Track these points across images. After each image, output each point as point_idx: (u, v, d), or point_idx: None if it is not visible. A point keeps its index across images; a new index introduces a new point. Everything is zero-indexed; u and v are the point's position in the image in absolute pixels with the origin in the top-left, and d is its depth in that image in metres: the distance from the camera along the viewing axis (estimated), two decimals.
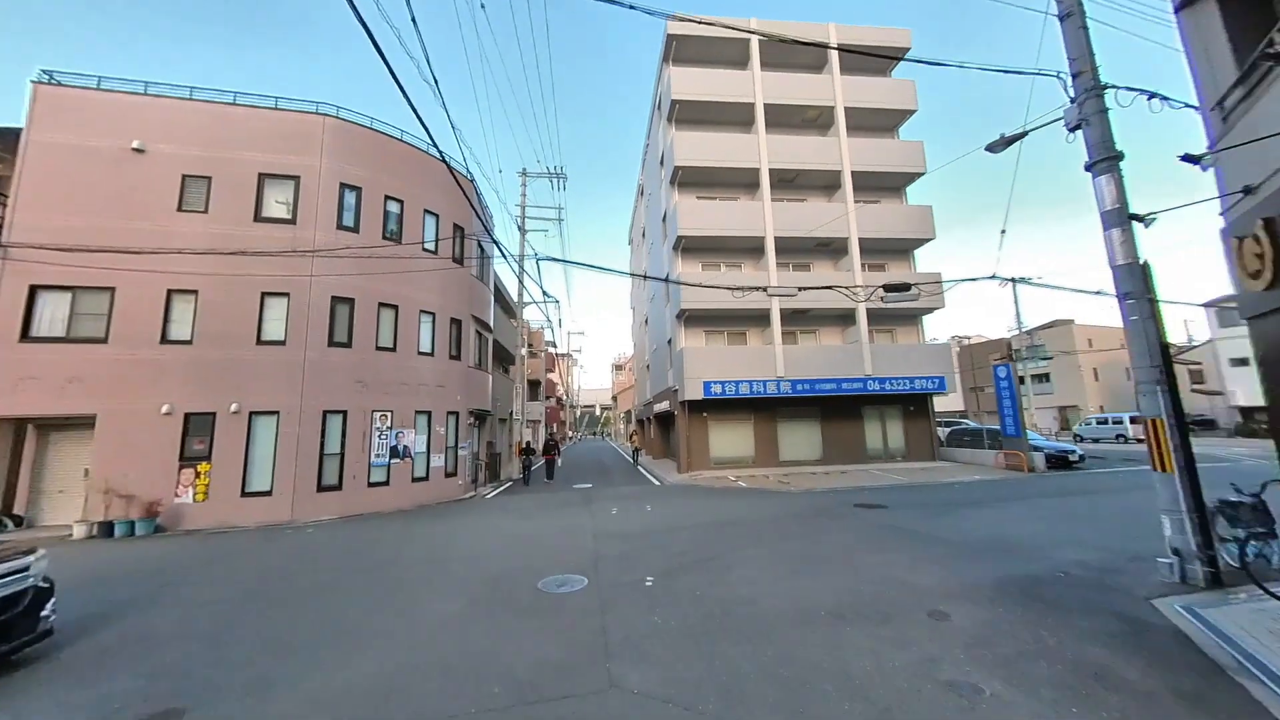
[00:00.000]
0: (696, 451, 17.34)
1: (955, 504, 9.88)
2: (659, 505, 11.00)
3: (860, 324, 17.41)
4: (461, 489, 13.56)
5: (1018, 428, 15.40)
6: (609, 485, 15.27)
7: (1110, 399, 38.63)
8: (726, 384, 16.27)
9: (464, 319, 14.29)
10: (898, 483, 13.50)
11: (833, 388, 16.65)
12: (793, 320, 18.43)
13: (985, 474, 14.70)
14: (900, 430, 18.40)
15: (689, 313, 17.48)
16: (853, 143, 18.56)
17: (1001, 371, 16.10)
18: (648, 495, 12.64)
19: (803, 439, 17.98)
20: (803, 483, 13.96)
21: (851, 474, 15.49)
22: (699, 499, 11.81)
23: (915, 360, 17.36)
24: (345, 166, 11.78)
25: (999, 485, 12.50)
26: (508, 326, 19.74)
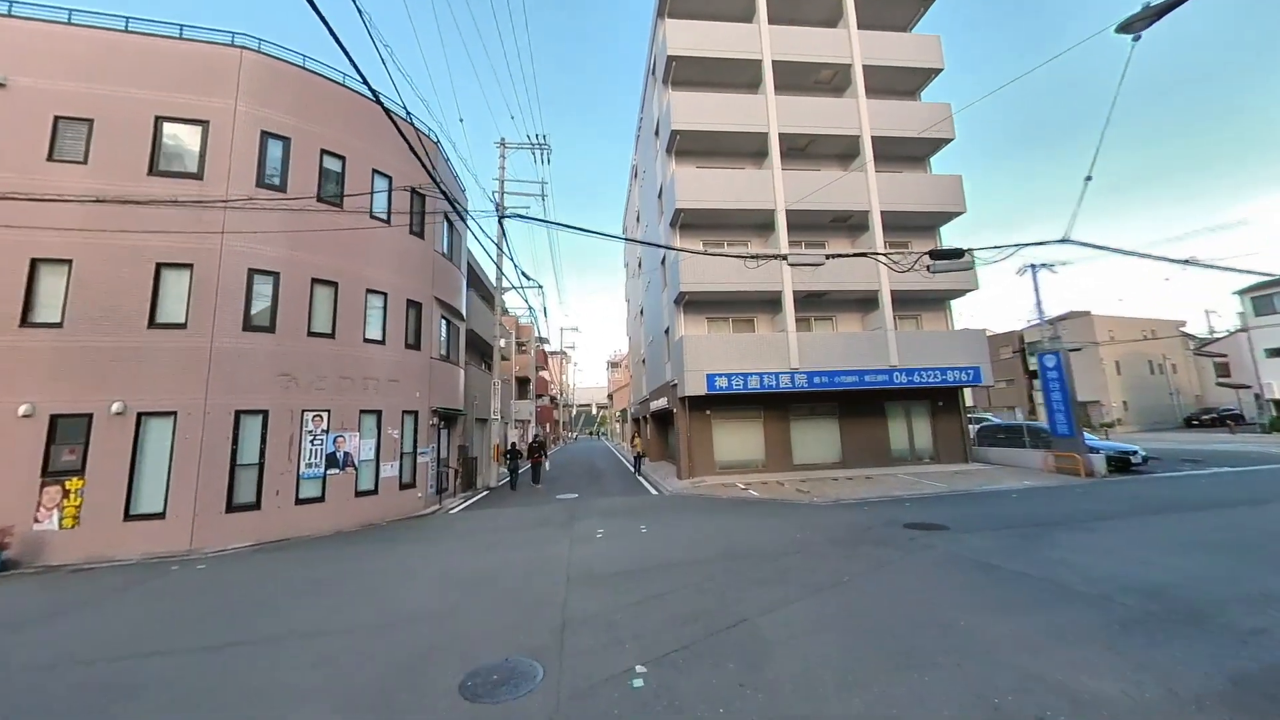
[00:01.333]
0: (699, 454, 15.23)
1: (1036, 523, 7.76)
2: (655, 525, 8.87)
3: (884, 308, 15.29)
4: (421, 503, 11.40)
5: (1071, 425, 13.33)
6: (599, 494, 13.15)
7: (1133, 394, 36.69)
8: (733, 377, 14.15)
9: (425, 302, 12.13)
10: (937, 491, 11.40)
11: (854, 380, 14.55)
12: (807, 305, 16.31)
13: (1036, 479, 12.63)
14: (928, 428, 16.31)
15: (689, 297, 15.34)
16: (872, 105, 16.45)
17: (1050, 361, 14.02)
18: (642, 510, 10.52)
19: (819, 439, 15.88)
20: (825, 490, 11.87)
21: (878, 480, 13.39)
22: (705, 515, 9.69)
23: (945, 349, 15.28)
24: (269, 112, 9.60)
25: (1066, 494, 10.41)
26: (486, 315, 17.60)
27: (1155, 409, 37.10)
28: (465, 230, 15.88)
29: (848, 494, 11.44)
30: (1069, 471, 13.18)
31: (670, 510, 10.39)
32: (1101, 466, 12.87)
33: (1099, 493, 10.44)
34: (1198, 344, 42.24)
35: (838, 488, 12.37)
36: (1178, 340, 40.36)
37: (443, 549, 7.99)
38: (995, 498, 10.40)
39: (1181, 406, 38.08)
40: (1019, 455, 15.23)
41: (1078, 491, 10.70)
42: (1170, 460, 15.75)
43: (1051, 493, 10.72)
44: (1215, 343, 41.19)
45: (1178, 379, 39.23)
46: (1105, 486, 11.31)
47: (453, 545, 8.23)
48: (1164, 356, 39.09)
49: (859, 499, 10.79)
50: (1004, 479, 12.85)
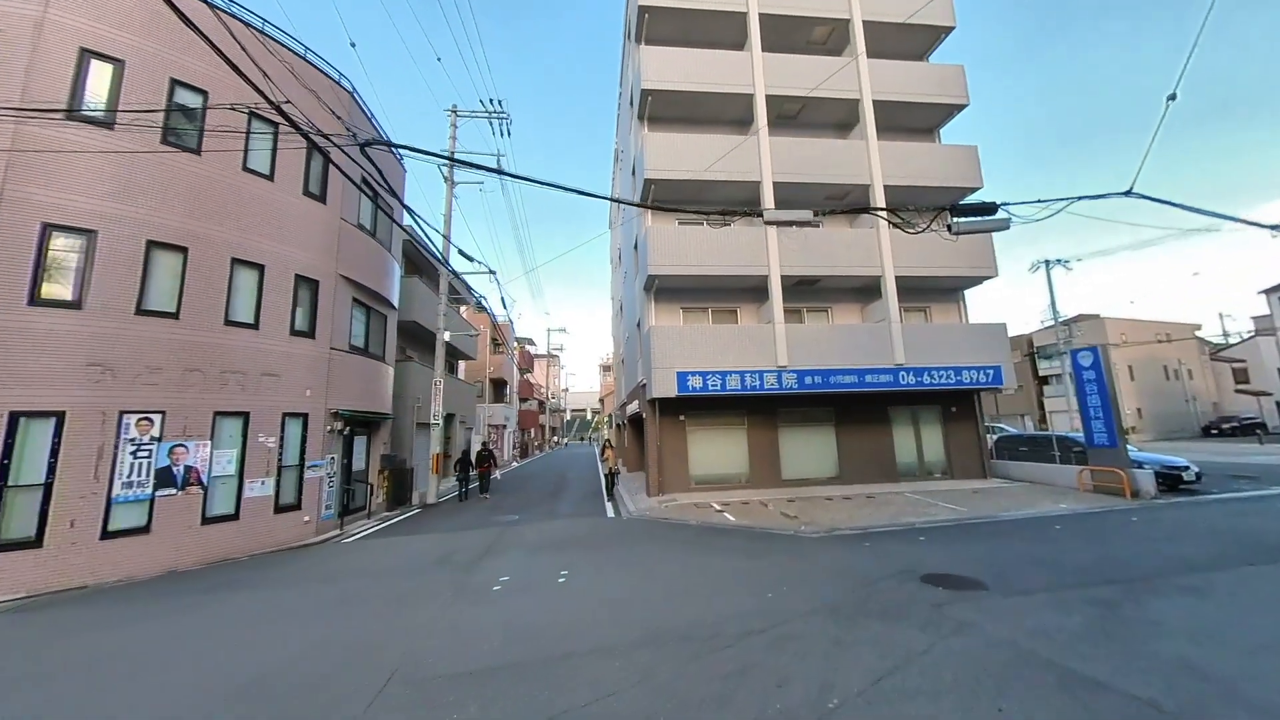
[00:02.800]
0: (671, 467, 12.94)
1: (1109, 576, 5.46)
2: (585, 569, 6.58)
3: (888, 296, 13.06)
4: (310, 528, 9.08)
5: (1113, 435, 11.08)
6: (546, 516, 10.83)
7: (1147, 401, 34.52)
8: (709, 375, 11.89)
9: (325, 280, 9.87)
10: (956, 516, 9.13)
11: (853, 381, 12.30)
12: (798, 293, 14.09)
13: (1073, 501, 10.36)
14: (939, 438, 14.05)
15: (659, 281, 13.11)
16: (874, 66, 14.33)
17: (1085, 359, 11.79)
18: (582, 542, 8.22)
19: (812, 450, 13.61)
20: (817, 515, 9.59)
21: (882, 500, 11.10)
22: (658, 552, 7.38)
23: (959, 345, 13.05)
24: (83, 21, 7.37)
25: (1122, 525, 8.13)
26: (431, 304, 15.27)
27: (1171, 416, 34.92)
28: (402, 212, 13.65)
29: (845, 521, 9.16)
30: (1110, 491, 10.93)
31: (618, 543, 8.08)
32: (1151, 486, 10.61)
33: (1162, 522, 8.18)
34: (1214, 349, 40.18)
35: (833, 511, 10.09)
36: (1193, 345, 38.27)
37: (265, 609, 5.66)
38: (1033, 528, 8.12)
39: (1198, 414, 35.90)
40: (1046, 471, 12.97)
41: (1134, 521, 8.42)
42: (1217, 476, 13.50)
43: (1102, 522, 8.45)
44: (1233, 347, 39.15)
45: (1194, 385, 37.08)
46: (1164, 512, 9.04)
47: (294, 600, 5.90)
48: (1179, 361, 36.97)
49: (859, 528, 8.51)
50: (1035, 501, 10.58)
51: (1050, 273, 28.33)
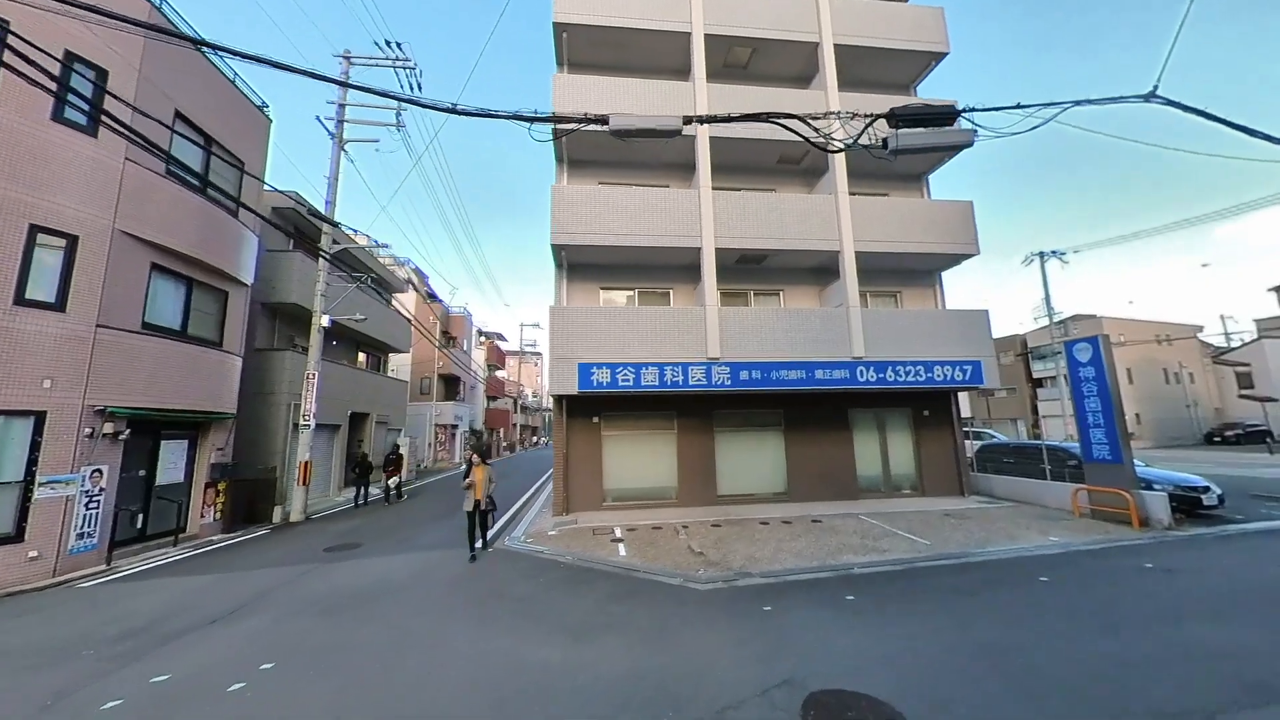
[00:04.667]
0: (581, 480, 10.64)
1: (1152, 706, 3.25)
2: (306, 660, 4.28)
3: (846, 275, 10.78)
4: (39, 567, 6.72)
5: (1116, 447, 8.85)
6: (395, 547, 8.41)
7: (1147, 406, 32.47)
8: (619, 368, 9.60)
9: (89, 236, 7.51)
10: (913, 555, 6.85)
11: (799, 378, 10.03)
12: (742, 273, 11.82)
13: (1067, 530, 8.12)
14: (909, 447, 11.80)
15: (570, 253, 10.81)
16: (837, 3, 12.08)
17: (1082, 353, 9.55)
18: (385, 597, 5.88)
19: (755, 461, 11.34)
20: (734, 549, 7.31)
21: (828, 526, 8.83)
22: (456, 629, 5.04)
23: (932, 334, 10.80)
24: None
25: (1137, 575, 5.87)
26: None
27: (1172, 423, 32.91)
28: (263, 170, 11.33)
29: (766, 559, 6.89)
30: (1113, 518, 8.71)
31: (423, 603, 5.70)
32: (1164, 513, 8.38)
33: (1191, 572, 5.93)
34: (1217, 351, 38.18)
35: (759, 542, 7.80)
36: (1195, 347, 36.26)
37: None
38: (1009, 581, 5.86)
39: (1199, 420, 33.89)
40: (1035, 489, 10.75)
41: (1150, 571, 6.16)
42: (1236, 495, 11.29)
43: (1106, 570, 6.20)
44: (1237, 350, 37.14)
45: (1195, 390, 35.07)
46: (1187, 553, 6.81)
47: None
48: (1180, 364, 34.96)
49: (775, 574, 6.24)
50: (1018, 529, 8.34)
51: (1045, 265, 26.28)
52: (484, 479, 7.62)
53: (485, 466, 7.78)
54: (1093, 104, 4.59)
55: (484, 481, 7.60)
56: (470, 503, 7.52)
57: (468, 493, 7.54)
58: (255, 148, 10.94)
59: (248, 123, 10.77)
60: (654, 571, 6.50)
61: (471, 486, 7.50)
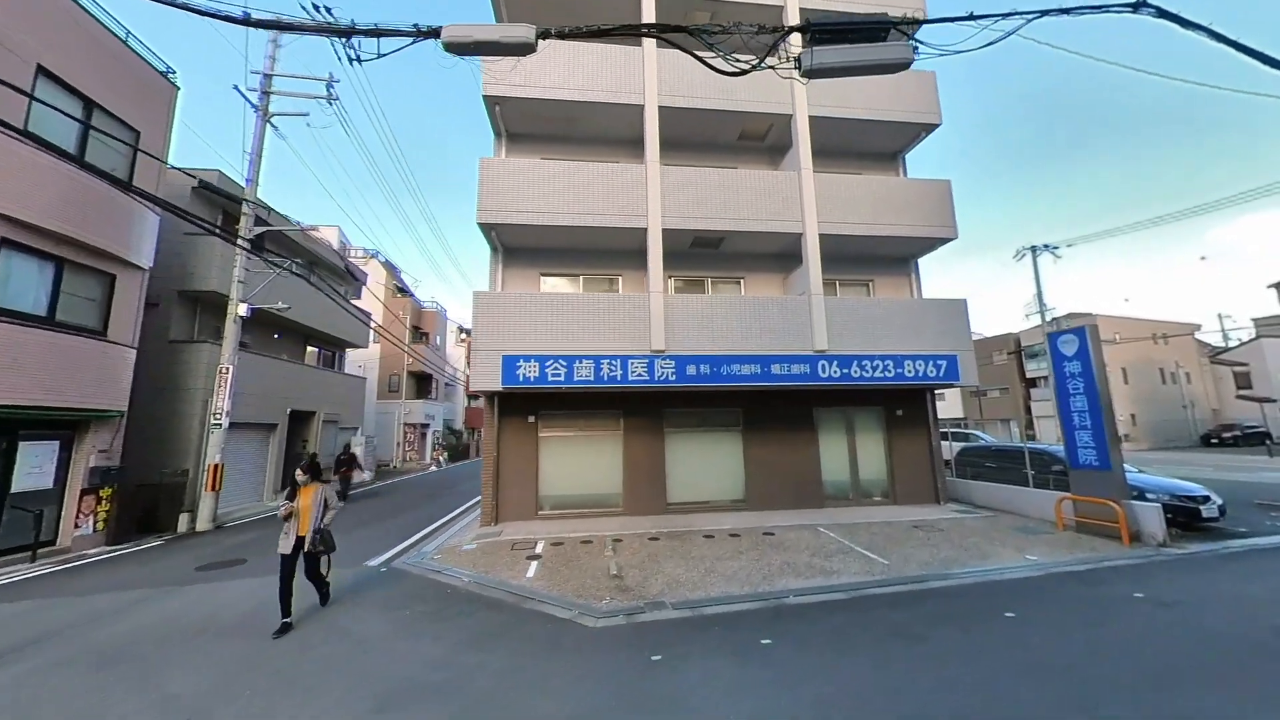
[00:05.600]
0: (515, 487, 9.59)
1: None
2: None
3: (809, 260, 9.75)
4: None
5: (1105, 452, 7.83)
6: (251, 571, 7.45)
7: (1142, 407, 31.56)
8: (549, 361, 8.55)
9: None
10: (861, 581, 5.81)
11: (754, 373, 9.00)
12: (698, 258, 10.78)
13: (1049, 546, 7.10)
14: (880, 450, 10.78)
15: (502, 233, 9.75)
16: None
17: (1068, 345, 8.52)
18: (176, 650, 4.83)
19: (711, 465, 10.30)
20: (660, 569, 6.28)
21: (778, 541, 7.79)
22: (234, 714, 4.05)
23: (904, 326, 9.77)
24: None
25: (1136, 611, 4.84)
26: (256, 277, 11.70)
27: (1168, 424, 31.98)
28: (165, 144, 10.26)
29: (692, 582, 5.85)
30: (1100, 531, 7.69)
31: (222, 654, 4.64)
32: (1158, 527, 7.36)
33: (1191, 605, 4.91)
34: (1214, 351, 37.29)
35: (693, 561, 6.76)
36: (1192, 347, 35.36)
37: None
38: (968, 616, 4.83)
39: (1196, 421, 32.99)
40: (1016, 497, 9.74)
41: (1142, 604, 5.12)
42: (1238, 503, 10.30)
43: (1092, 599, 5.18)
44: (1234, 350, 36.23)
45: (1192, 390, 34.16)
46: (1186, 578, 5.79)
47: None
48: (1177, 364, 34.04)
49: (693, 604, 5.20)
50: (992, 546, 7.31)
51: (1037, 260, 25.33)
52: (311, 506, 5.04)
53: (315, 487, 5.19)
54: (1066, 13, 3.58)
55: (311, 509, 5.03)
56: (288, 542, 4.91)
57: (286, 527, 4.98)
58: (155, 117, 9.86)
59: (145, 89, 9.67)
60: (551, 600, 5.45)
61: (292, 518, 4.97)
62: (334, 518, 5.25)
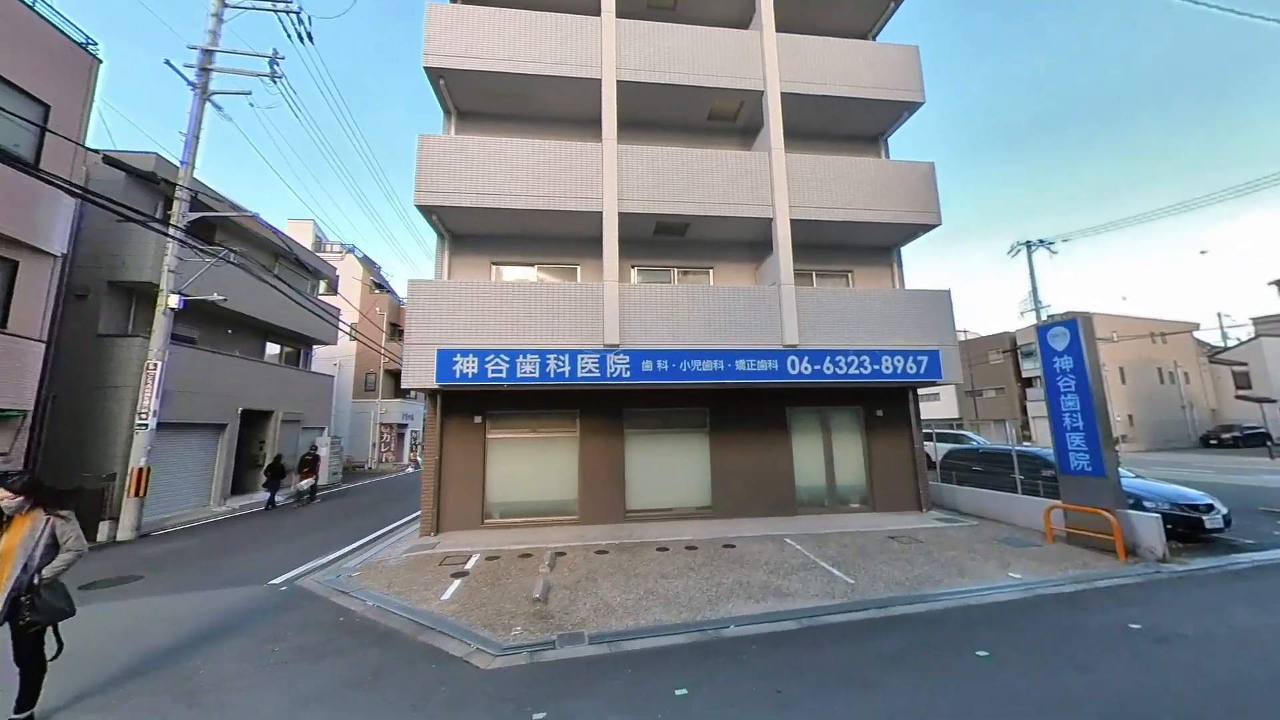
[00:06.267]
0: (460, 494, 8.81)
1: None
2: None
3: (779, 249, 8.99)
4: None
5: (1098, 456, 7.08)
6: (193, 581, 6.65)
7: (1140, 407, 30.88)
8: (490, 356, 7.78)
9: None
10: (818, 606, 5.05)
11: (716, 369, 8.24)
12: (664, 247, 10.03)
13: (1035, 563, 6.35)
14: (859, 453, 10.03)
15: (446, 215, 8.97)
16: None
17: (1058, 339, 7.77)
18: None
19: (675, 470, 9.54)
20: (594, 591, 5.51)
21: (736, 556, 7.02)
22: None
23: (882, 319, 9.02)
24: None
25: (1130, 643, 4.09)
26: (193, 266, 10.83)
27: (1166, 424, 31.30)
28: (81, 118, 9.47)
29: (625, 607, 5.10)
30: (1093, 544, 6.96)
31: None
32: (1157, 540, 6.61)
33: (1198, 635, 4.15)
34: (1213, 350, 36.64)
35: (634, 580, 6.01)
36: (1191, 346, 34.70)
37: None
38: (939, 644, 4.10)
39: (1195, 422, 32.33)
40: (1003, 504, 9.00)
41: (1139, 630, 4.39)
42: (1241, 510, 9.57)
43: (1080, 631, 4.42)
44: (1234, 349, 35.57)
45: (1191, 390, 33.49)
46: (1189, 597, 5.05)
47: None
48: (1175, 364, 33.37)
49: (615, 636, 4.45)
50: (973, 561, 6.56)
51: (1032, 256, 24.63)
52: (15, 550, 3.14)
53: (30, 519, 3.23)
54: None
55: (14, 557, 3.12)
56: None
57: None
58: (70, 91, 9.06)
59: (57, 59, 8.89)
60: (453, 630, 4.69)
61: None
62: (68, 566, 3.29)
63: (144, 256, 11.13)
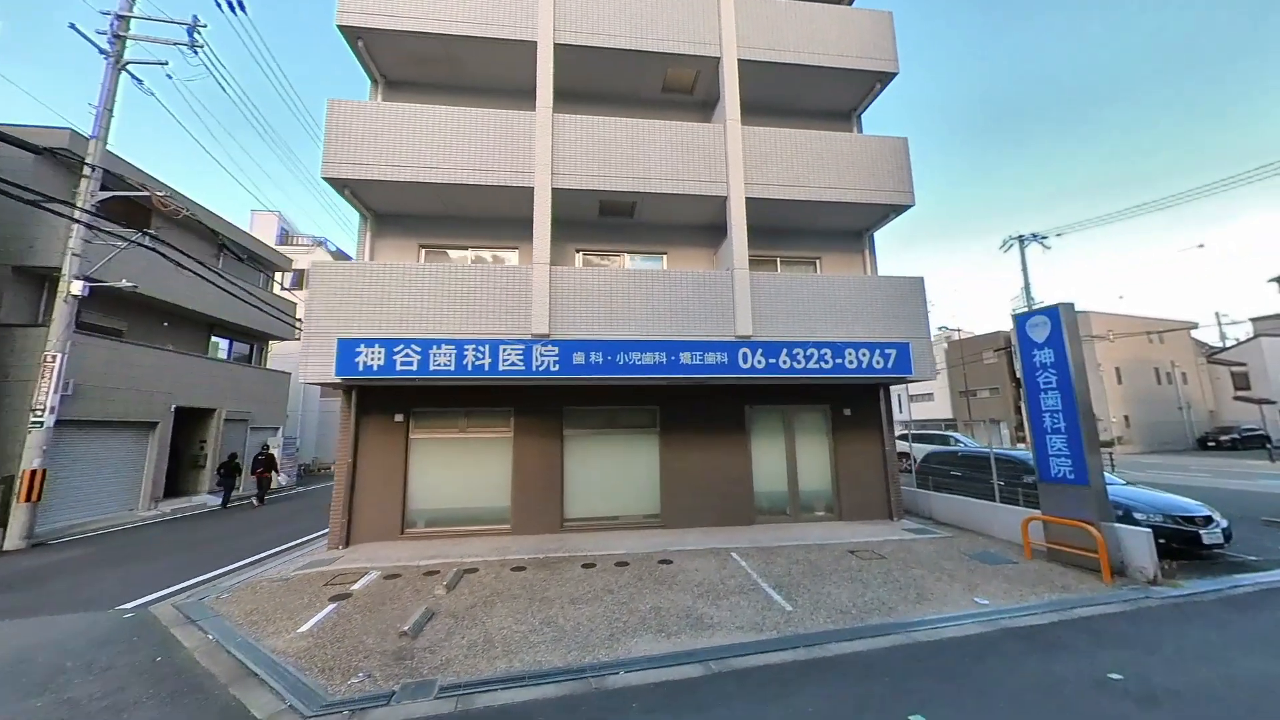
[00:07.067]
0: (376, 500, 7.92)
1: None
2: None
3: (733, 229, 8.11)
4: None
5: (1081, 462, 6.21)
6: (38, 603, 5.82)
7: (1136, 408, 30.03)
8: (400, 347, 6.89)
9: None
10: (769, 638, 4.19)
11: (657, 363, 7.35)
12: (611, 230, 9.15)
13: (1006, 585, 5.48)
14: (825, 457, 9.15)
15: (360, 187, 8.06)
16: None
17: (1037, 329, 6.89)
18: None
19: (620, 473, 8.66)
20: (497, 616, 4.62)
21: (679, 570, 6.13)
22: None
23: (847, 309, 8.14)
24: None
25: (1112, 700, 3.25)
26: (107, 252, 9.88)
27: (1163, 426, 30.46)
28: None
29: (507, 645, 4.23)
30: (1076, 560, 6.10)
31: None
32: (1147, 559, 5.74)
33: (1195, 691, 3.28)
34: (1211, 350, 35.82)
35: (536, 604, 5.13)
36: (1189, 345, 33.88)
37: None
38: (870, 705, 3.24)
39: (1193, 423, 31.50)
40: (981, 513, 8.13)
41: (1120, 681, 3.52)
42: (1243, 520, 8.73)
43: (1047, 684, 3.54)
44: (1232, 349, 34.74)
45: (1188, 391, 32.66)
46: (1183, 636, 4.18)
47: None
48: (1173, 364, 32.54)
49: (475, 685, 3.57)
50: (937, 583, 5.69)
51: (1024, 250, 23.76)
52: None
53: None
54: None
55: None
56: None
57: None
58: None
59: None
60: (280, 677, 3.80)
61: None
62: None
63: (55, 240, 10.23)
